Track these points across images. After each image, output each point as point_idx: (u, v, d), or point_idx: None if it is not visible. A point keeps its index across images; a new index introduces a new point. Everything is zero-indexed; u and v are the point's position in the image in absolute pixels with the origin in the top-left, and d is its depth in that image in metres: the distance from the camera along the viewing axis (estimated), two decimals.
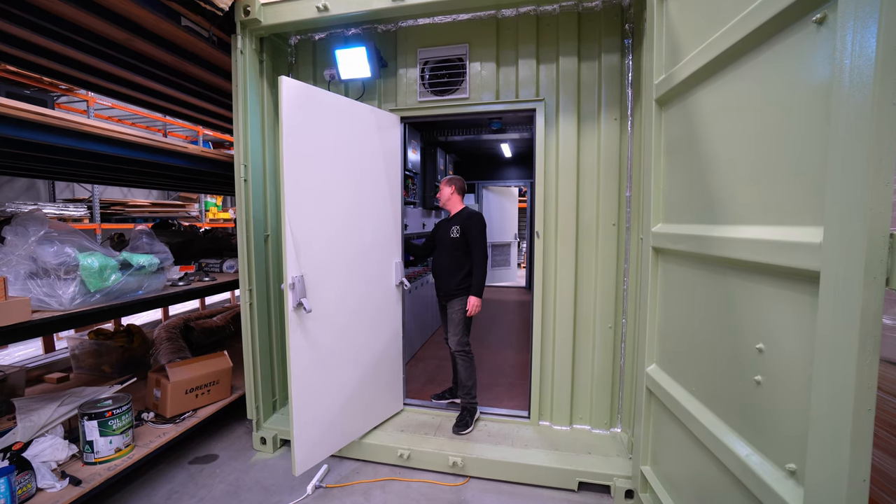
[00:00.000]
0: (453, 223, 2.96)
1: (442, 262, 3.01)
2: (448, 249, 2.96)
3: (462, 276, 2.93)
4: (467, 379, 2.92)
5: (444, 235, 3.00)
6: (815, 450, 0.99)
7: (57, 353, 4.65)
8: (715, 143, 1.48)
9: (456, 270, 2.94)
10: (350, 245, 2.61)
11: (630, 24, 2.54)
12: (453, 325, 2.94)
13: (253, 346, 2.88)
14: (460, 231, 2.90)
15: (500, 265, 9.29)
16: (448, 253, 2.96)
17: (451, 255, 2.95)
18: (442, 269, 3.01)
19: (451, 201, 3.01)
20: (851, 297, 0.90)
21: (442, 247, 3.01)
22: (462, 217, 2.94)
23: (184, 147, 3.10)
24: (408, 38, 2.89)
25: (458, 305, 2.92)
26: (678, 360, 1.79)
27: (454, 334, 2.94)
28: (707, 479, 1.52)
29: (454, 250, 2.93)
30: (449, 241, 2.94)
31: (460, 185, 3.03)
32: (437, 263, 3.07)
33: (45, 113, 2.08)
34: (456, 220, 2.95)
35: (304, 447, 2.35)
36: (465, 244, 2.90)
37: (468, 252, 2.91)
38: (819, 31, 1.01)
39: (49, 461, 2.16)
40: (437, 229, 3.14)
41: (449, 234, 2.95)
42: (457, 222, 2.93)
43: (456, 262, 2.95)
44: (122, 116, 7.10)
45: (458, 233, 2.90)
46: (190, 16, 2.47)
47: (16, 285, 2.18)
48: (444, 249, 2.99)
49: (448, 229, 2.97)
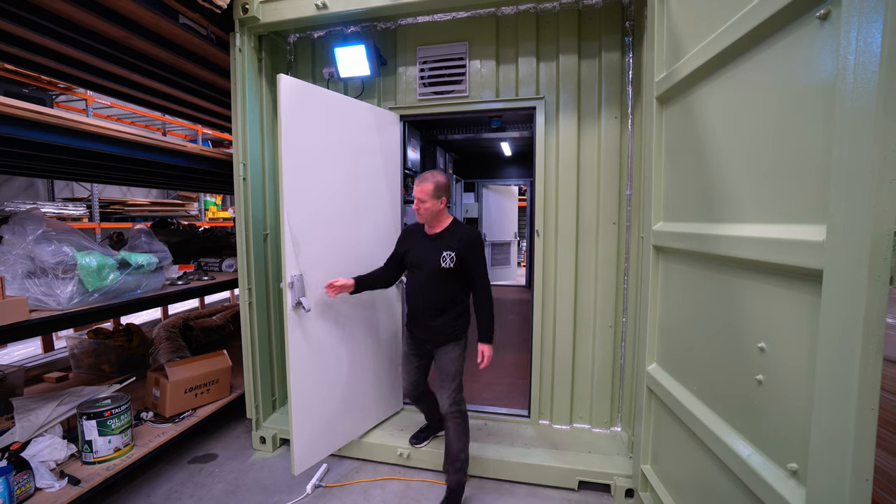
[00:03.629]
0: (443, 246, 2.20)
1: (427, 295, 2.25)
2: (436, 279, 2.22)
3: (457, 314, 2.28)
4: (460, 449, 2.27)
5: (427, 259, 2.23)
6: (818, 449, 0.98)
7: (56, 353, 4.65)
8: (716, 140, 1.47)
9: (449, 306, 2.25)
10: (349, 243, 2.60)
11: (630, 22, 2.53)
12: (447, 379, 2.27)
13: (252, 345, 2.87)
14: (456, 259, 2.17)
15: (500, 264, 9.29)
16: (436, 284, 2.22)
17: (442, 288, 2.23)
18: (428, 304, 2.25)
19: (438, 217, 2.24)
20: (855, 295, 0.89)
21: (425, 275, 2.24)
22: (458, 239, 2.19)
23: (183, 146, 3.08)
24: (407, 35, 2.88)
25: (455, 352, 2.28)
26: (679, 359, 1.78)
27: (448, 389, 2.26)
28: (708, 479, 1.52)
29: (448, 281, 2.22)
30: (437, 269, 2.19)
31: (450, 191, 2.27)
32: (418, 297, 2.27)
33: (44, 112, 2.07)
34: (448, 243, 2.19)
35: (304, 446, 2.34)
36: (463, 274, 2.22)
37: (465, 283, 2.26)
38: (823, 27, 1.00)
39: (48, 461, 2.15)
40: (408, 247, 2.34)
41: (438, 261, 2.18)
42: (451, 246, 2.18)
43: (449, 297, 2.25)
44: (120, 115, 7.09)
45: (452, 261, 2.17)
46: (188, 14, 2.46)
47: (13, 284, 2.17)
48: (430, 279, 2.22)
49: (435, 253, 2.20)
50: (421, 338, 2.35)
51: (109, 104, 6.36)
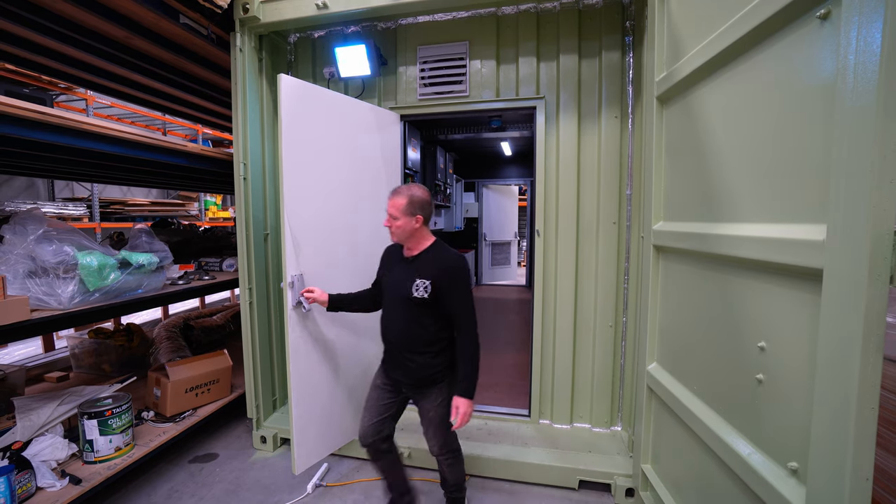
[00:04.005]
0: (418, 272, 1.81)
1: (398, 329, 1.88)
2: (407, 311, 1.84)
3: (436, 352, 1.85)
4: (455, 479, 2.07)
5: (398, 286, 1.86)
6: (818, 448, 0.99)
7: (56, 353, 4.65)
8: (717, 140, 1.47)
9: (424, 345, 1.84)
10: (350, 243, 2.61)
11: (631, 22, 2.53)
12: (432, 425, 1.92)
13: (253, 344, 2.88)
14: (431, 289, 1.76)
15: (500, 264, 9.29)
16: (408, 316, 1.84)
17: (414, 322, 1.83)
18: (400, 340, 1.88)
19: (414, 237, 1.85)
20: (855, 295, 0.89)
21: (395, 304, 1.88)
22: (437, 266, 1.80)
23: (183, 145, 3.09)
24: (408, 35, 2.88)
25: (439, 397, 1.88)
26: (679, 358, 1.79)
27: (436, 437, 1.94)
28: (708, 478, 1.52)
29: (421, 314, 1.82)
30: (408, 299, 1.81)
31: (428, 207, 1.84)
32: (390, 331, 1.92)
33: (46, 112, 2.08)
34: (424, 269, 1.81)
35: (304, 446, 2.34)
36: (439, 308, 1.80)
37: (443, 317, 1.83)
38: (823, 27, 1.00)
39: (49, 460, 2.15)
40: (386, 270, 2.00)
41: (410, 289, 1.79)
42: (426, 273, 1.80)
43: (424, 333, 1.83)
44: (121, 115, 7.09)
45: (426, 291, 1.76)
46: (188, 13, 2.46)
47: (14, 284, 2.17)
48: (401, 309, 1.86)
49: (408, 279, 1.82)
50: (397, 378, 1.95)
51: (110, 104, 6.36)
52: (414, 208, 1.79)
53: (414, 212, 1.80)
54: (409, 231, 1.82)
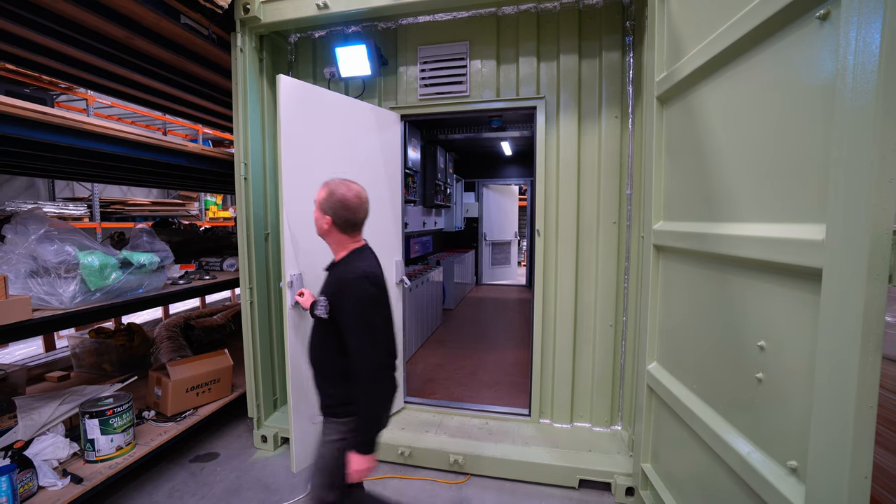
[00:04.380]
0: (324, 286, 1.60)
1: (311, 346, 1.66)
2: (315, 327, 1.64)
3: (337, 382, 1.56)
4: None
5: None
6: (817, 447, 0.99)
7: (58, 352, 4.65)
8: (717, 140, 1.48)
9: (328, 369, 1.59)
10: None
11: (631, 22, 2.53)
12: (314, 465, 1.61)
13: (253, 344, 2.88)
14: (329, 307, 1.50)
15: (501, 263, 9.30)
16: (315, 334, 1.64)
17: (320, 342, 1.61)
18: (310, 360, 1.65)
19: (330, 239, 1.59)
20: (854, 294, 0.90)
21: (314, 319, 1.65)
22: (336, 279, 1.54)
23: (184, 145, 3.09)
24: (408, 35, 2.88)
25: (332, 434, 1.56)
26: (679, 357, 1.79)
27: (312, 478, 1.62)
28: (708, 477, 1.52)
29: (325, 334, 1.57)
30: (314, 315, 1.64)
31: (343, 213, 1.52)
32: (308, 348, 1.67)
33: (47, 111, 2.08)
34: (328, 283, 1.59)
35: (304, 445, 2.35)
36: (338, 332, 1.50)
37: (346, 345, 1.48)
38: (822, 27, 1.01)
39: (50, 459, 2.16)
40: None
41: (314, 306, 1.61)
42: (328, 287, 1.57)
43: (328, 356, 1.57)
44: (121, 115, 7.09)
45: (325, 309, 1.51)
46: (189, 13, 2.47)
47: (16, 284, 2.17)
48: (315, 326, 1.65)
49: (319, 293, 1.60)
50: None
51: (110, 104, 6.36)
52: (327, 205, 1.52)
53: (325, 209, 1.53)
54: (321, 230, 1.57)
